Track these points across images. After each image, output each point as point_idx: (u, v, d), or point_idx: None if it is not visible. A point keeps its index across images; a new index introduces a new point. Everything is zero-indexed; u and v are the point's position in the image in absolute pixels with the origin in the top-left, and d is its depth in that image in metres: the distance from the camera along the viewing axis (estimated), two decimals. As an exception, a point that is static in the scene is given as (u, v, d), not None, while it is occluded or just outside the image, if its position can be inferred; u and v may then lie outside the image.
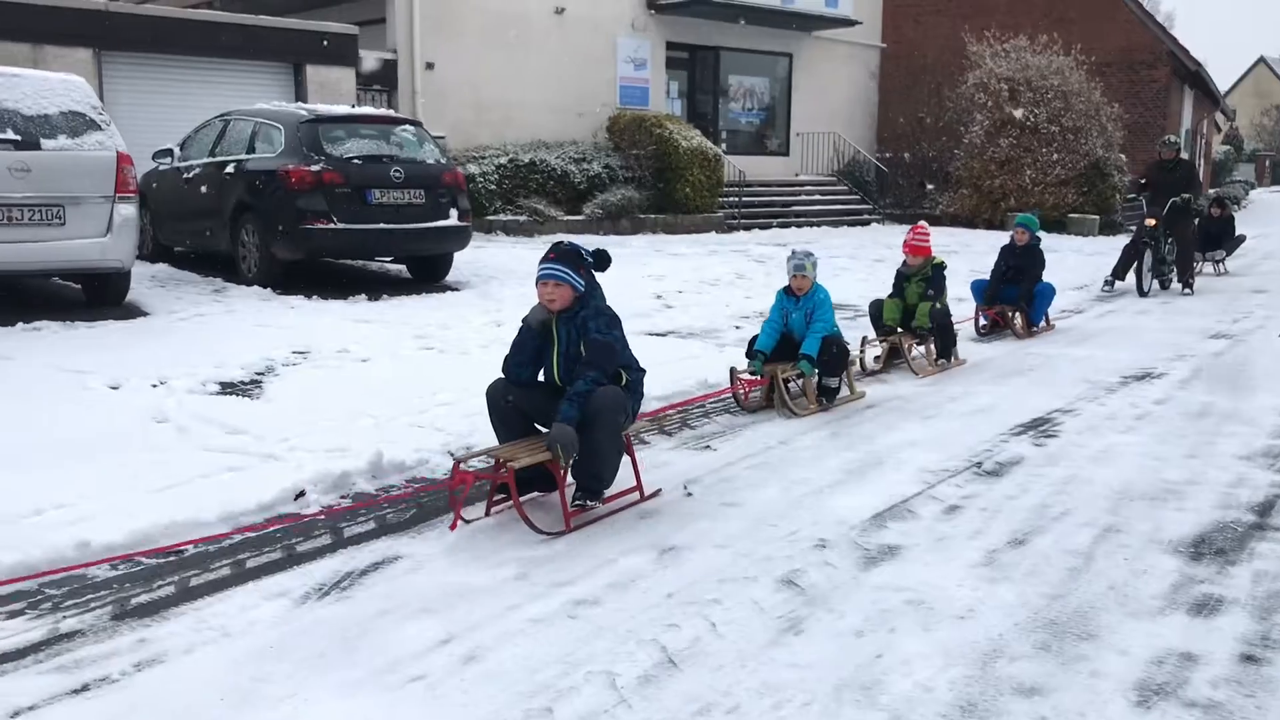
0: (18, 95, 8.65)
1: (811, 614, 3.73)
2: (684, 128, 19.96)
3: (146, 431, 5.82)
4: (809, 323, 6.96)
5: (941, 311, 8.26)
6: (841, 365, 7.03)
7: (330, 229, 10.35)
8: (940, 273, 8.38)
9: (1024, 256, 10.06)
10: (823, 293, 7.11)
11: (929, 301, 8.23)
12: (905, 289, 8.46)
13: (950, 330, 8.39)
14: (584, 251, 4.91)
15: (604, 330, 4.78)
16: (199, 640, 3.56)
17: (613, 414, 4.66)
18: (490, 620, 3.69)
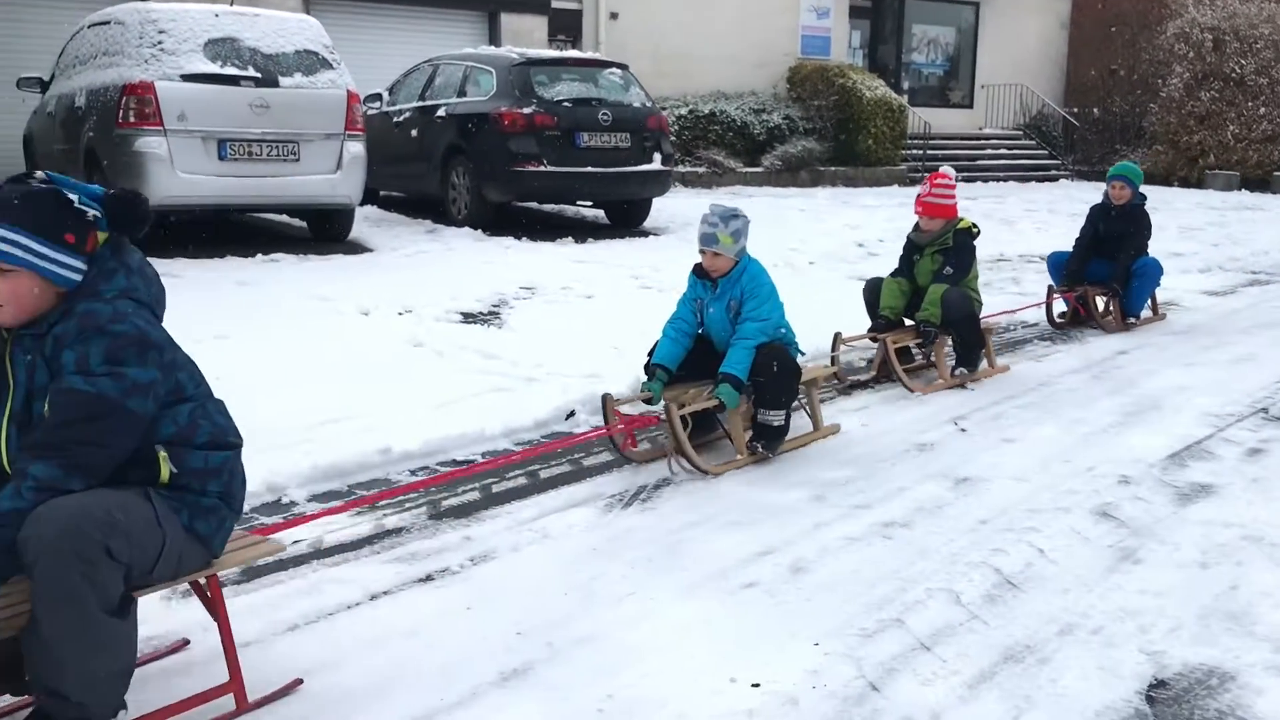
0: (258, 34, 8.95)
1: (1143, 545, 3.58)
2: (867, 77, 19.48)
3: (407, 354, 5.98)
4: (735, 322, 4.56)
5: (960, 298, 5.73)
6: (788, 390, 4.52)
7: (541, 171, 10.45)
8: (967, 241, 5.85)
9: (1122, 220, 7.37)
10: (755, 269, 4.56)
11: (944, 283, 5.76)
12: (916, 264, 6.04)
13: (975, 325, 5.87)
14: None
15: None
16: (522, 540, 3.62)
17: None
18: (803, 536, 3.66)
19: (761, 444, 4.47)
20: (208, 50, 8.67)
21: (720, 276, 4.54)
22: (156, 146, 8.33)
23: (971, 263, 5.90)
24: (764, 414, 4.47)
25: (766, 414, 4.47)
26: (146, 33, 8.59)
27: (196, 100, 8.45)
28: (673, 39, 18.71)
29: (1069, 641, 2.92)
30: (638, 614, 3.07)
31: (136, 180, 8.34)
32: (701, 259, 4.60)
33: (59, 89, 9.96)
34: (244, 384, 5.15)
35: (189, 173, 8.43)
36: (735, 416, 4.47)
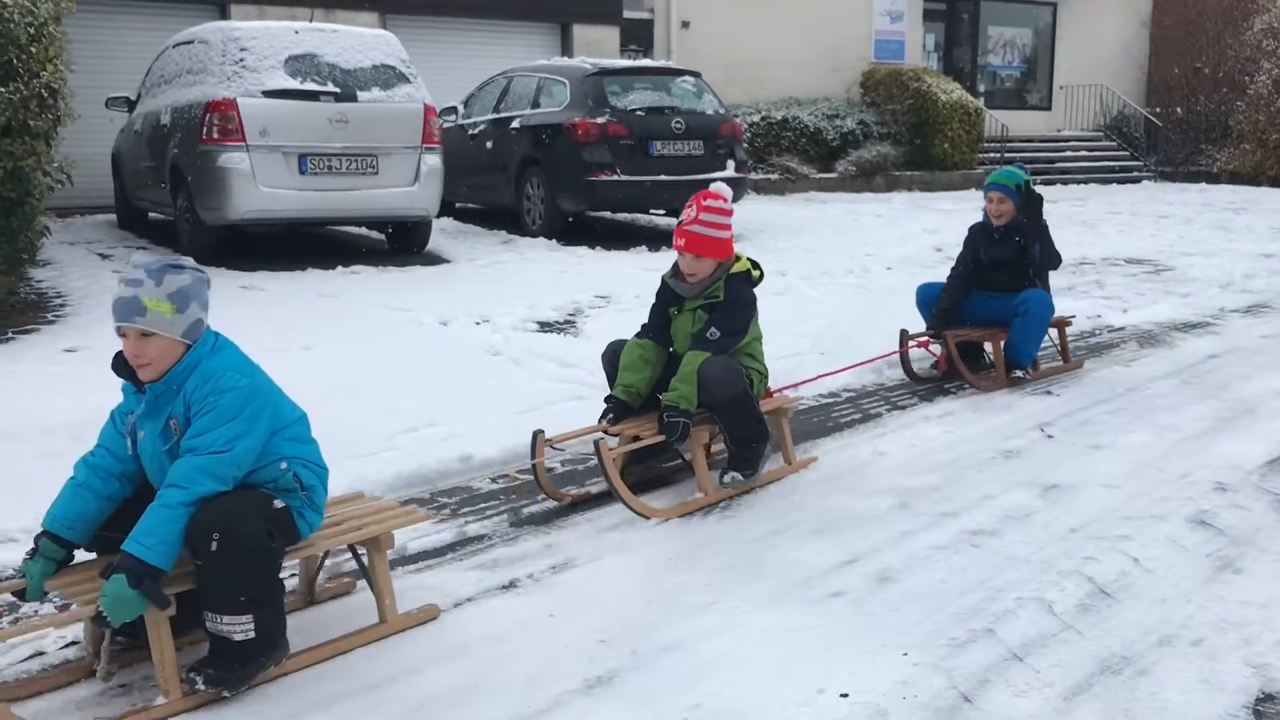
0: (337, 49, 9.11)
1: (1243, 554, 3.47)
2: (943, 81, 19.23)
3: (486, 363, 6.02)
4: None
5: (725, 372, 4.00)
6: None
7: (614, 180, 10.48)
8: (743, 292, 4.16)
9: (1007, 243, 5.84)
10: (218, 366, 2.83)
11: (705, 349, 4.04)
12: (673, 321, 4.27)
13: (747, 410, 4.10)
14: None
15: None
16: (603, 547, 3.62)
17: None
18: (888, 545, 3.60)
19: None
20: (288, 67, 8.84)
21: (152, 379, 2.80)
22: (239, 162, 8.51)
23: (749, 320, 4.19)
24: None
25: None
26: (229, 51, 8.78)
27: (277, 116, 8.62)
28: (744, 46, 18.67)
29: (1169, 653, 2.83)
30: (721, 623, 3.05)
31: (220, 195, 8.55)
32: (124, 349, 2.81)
33: (145, 107, 10.23)
34: (328, 393, 5.23)
35: (270, 187, 8.60)
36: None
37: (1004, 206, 5.86)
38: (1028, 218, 5.81)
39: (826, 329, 7.00)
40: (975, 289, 6.01)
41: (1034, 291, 5.84)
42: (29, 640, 2.98)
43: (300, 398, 4.98)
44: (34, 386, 5.37)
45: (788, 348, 6.44)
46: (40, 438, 4.57)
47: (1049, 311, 5.87)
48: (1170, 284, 9.16)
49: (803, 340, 6.64)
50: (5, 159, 6.42)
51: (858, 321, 7.24)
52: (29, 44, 6.61)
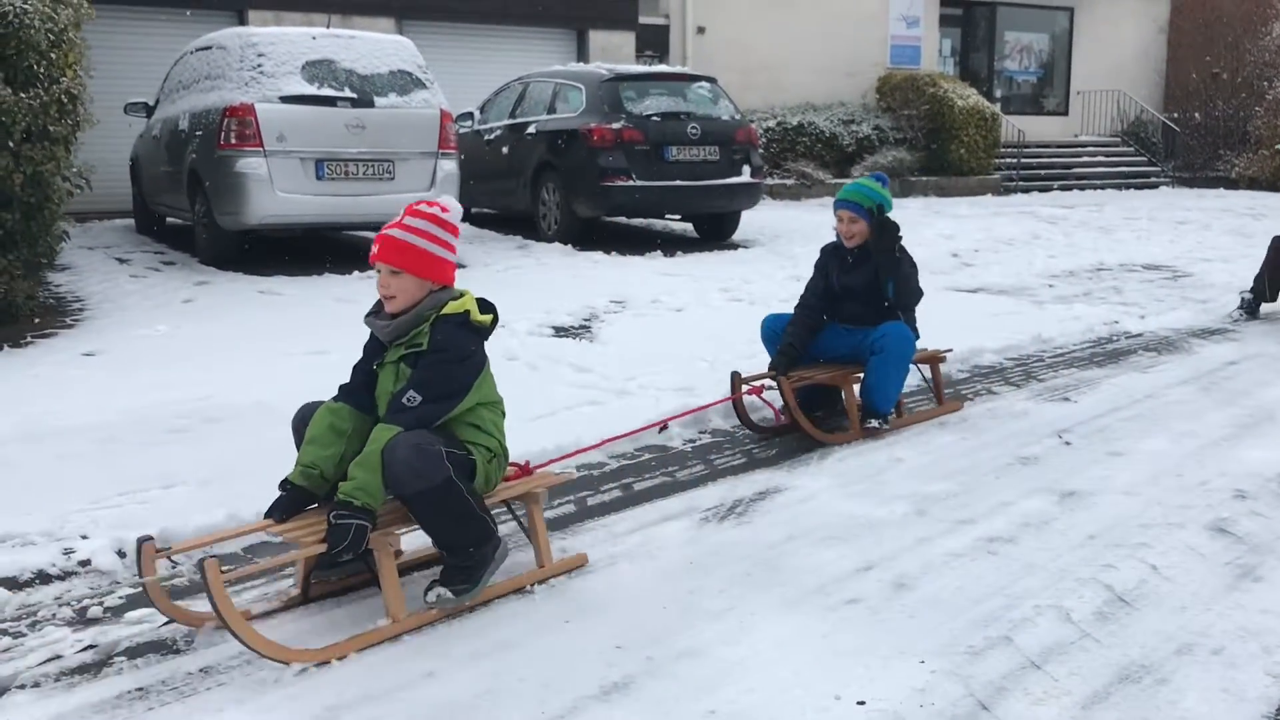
0: (354, 55, 9.15)
1: (1263, 562, 3.44)
2: (959, 86, 19.20)
3: (502, 367, 5.98)
4: None
5: (415, 456, 2.99)
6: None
7: (630, 186, 10.49)
8: (459, 341, 3.19)
9: (860, 269, 5.06)
10: None
11: (395, 422, 3.07)
12: (378, 374, 3.28)
13: (457, 513, 3.12)
14: None
15: None
16: (618, 553, 3.61)
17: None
18: (905, 551, 3.58)
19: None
20: (305, 72, 8.88)
21: None
22: (257, 167, 8.55)
23: (467, 378, 3.19)
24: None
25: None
26: (247, 56, 8.83)
27: (295, 121, 8.67)
28: (760, 51, 18.68)
29: (1188, 662, 2.81)
30: (738, 629, 3.04)
31: (237, 200, 8.59)
32: None
33: (163, 113, 10.29)
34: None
35: (287, 192, 8.64)
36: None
37: (855, 227, 5.04)
38: (877, 250, 4.98)
39: (842, 334, 6.98)
40: (830, 321, 5.19)
41: (893, 325, 4.94)
42: (47, 644, 3.00)
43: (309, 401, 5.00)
44: (53, 390, 5.40)
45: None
46: (59, 441, 4.60)
47: (910, 348, 5.00)
48: (1188, 290, 9.12)
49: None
50: (25, 164, 6.46)
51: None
52: (49, 50, 6.66)
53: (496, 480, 3.36)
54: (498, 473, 3.36)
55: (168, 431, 4.78)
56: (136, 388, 5.46)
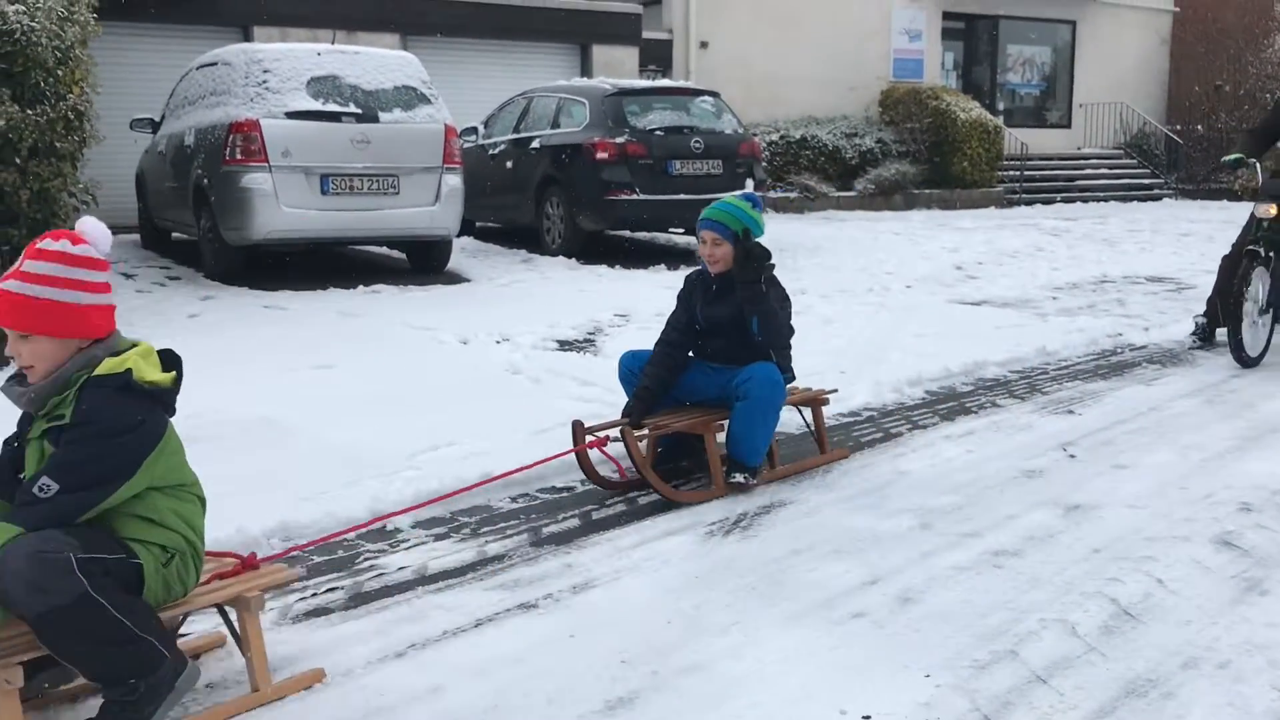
0: (358, 71, 9.19)
1: (1269, 575, 3.44)
2: (962, 99, 19.23)
3: (506, 381, 6.04)
4: None
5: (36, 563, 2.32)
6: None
7: (633, 200, 10.52)
8: (103, 412, 2.49)
9: (726, 300, 4.45)
10: None
11: (17, 519, 2.42)
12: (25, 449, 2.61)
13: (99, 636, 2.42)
14: None
15: None
16: (623, 567, 3.61)
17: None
18: (911, 565, 3.58)
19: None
20: (310, 88, 8.92)
21: None
22: (262, 182, 8.58)
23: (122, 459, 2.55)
24: None
25: None
26: (252, 73, 8.87)
27: (300, 137, 8.70)
28: (762, 65, 18.72)
29: (1194, 676, 2.81)
30: (743, 643, 3.04)
31: (243, 215, 8.62)
32: None
33: (169, 129, 10.34)
34: (349, 411, 5.28)
35: (293, 207, 8.67)
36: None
37: (719, 250, 4.37)
38: (740, 279, 4.33)
39: (847, 347, 6.99)
40: (696, 358, 4.62)
41: (759, 368, 4.30)
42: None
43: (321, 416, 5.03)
44: (59, 405, 5.40)
45: (809, 366, 6.41)
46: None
47: (778, 393, 4.34)
48: (1193, 303, 9.08)
49: (823, 359, 6.62)
50: (32, 180, 6.50)
51: (878, 340, 7.24)
52: (56, 67, 6.70)
53: (191, 583, 2.71)
54: (189, 575, 2.70)
55: (173, 446, 4.78)
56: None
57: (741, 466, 4.34)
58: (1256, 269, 6.61)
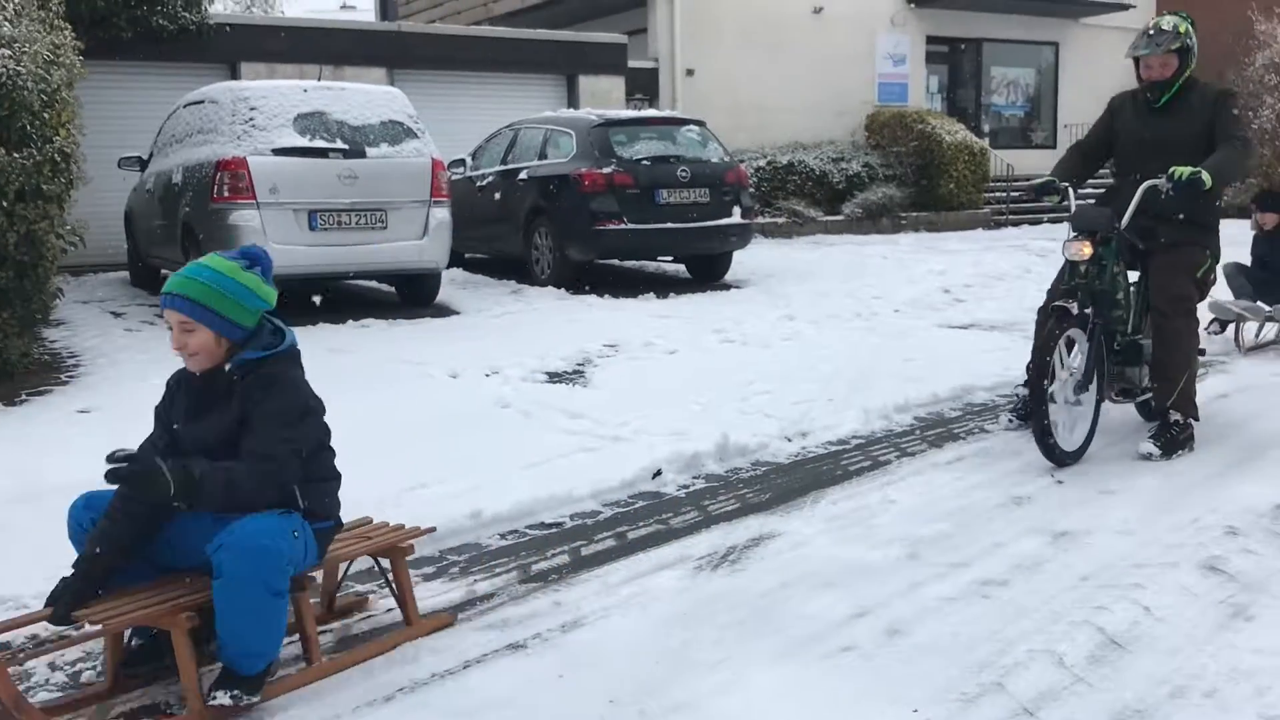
0: (345, 107, 9.24)
1: (1255, 600, 3.45)
2: (947, 122, 19.37)
3: (495, 416, 6.04)
4: None
5: None
6: None
7: (621, 229, 10.57)
8: None
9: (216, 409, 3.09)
10: None
11: None
12: None
13: None
14: None
15: None
16: (612, 605, 3.61)
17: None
18: (899, 597, 3.59)
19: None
20: (297, 125, 8.96)
21: None
22: (250, 219, 8.61)
23: None
24: None
25: None
26: (239, 110, 8.91)
27: (287, 173, 8.74)
28: (748, 92, 18.84)
29: (1181, 705, 2.82)
30: (732, 680, 3.04)
31: (232, 252, 8.62)
32: None
33: (157, 166, 10.37)
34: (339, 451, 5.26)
35: (281, 243, 8.67)
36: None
37: (195, 339, 3.02)
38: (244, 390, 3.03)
39: (835, 375, 7.01)
40: None
41: (245, 524, 2.86)
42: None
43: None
44: (49, 448, 5.40)
45: (797, 394, 6.47)
46: (57, 499, 4.59)
47: (266, 564, 2.83)
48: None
49: (811, 386, 6.66)
50: (19, 223, 6.51)
51: (866, 367, 7.25)
52: (42, 110, 6.73)
53: None
54: None
55: (162, 489, 4.77)
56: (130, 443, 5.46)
57: (231, 678, 2.87)
58: (1068, 331, 4.99)
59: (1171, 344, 5.23)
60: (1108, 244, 5.07)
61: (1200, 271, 5.31)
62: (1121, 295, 5.23)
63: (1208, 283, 5.44)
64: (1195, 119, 5.19)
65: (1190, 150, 5.06)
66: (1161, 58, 5.16)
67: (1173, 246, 5.26)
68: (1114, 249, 5.10)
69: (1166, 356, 5.24)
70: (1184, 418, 5.22)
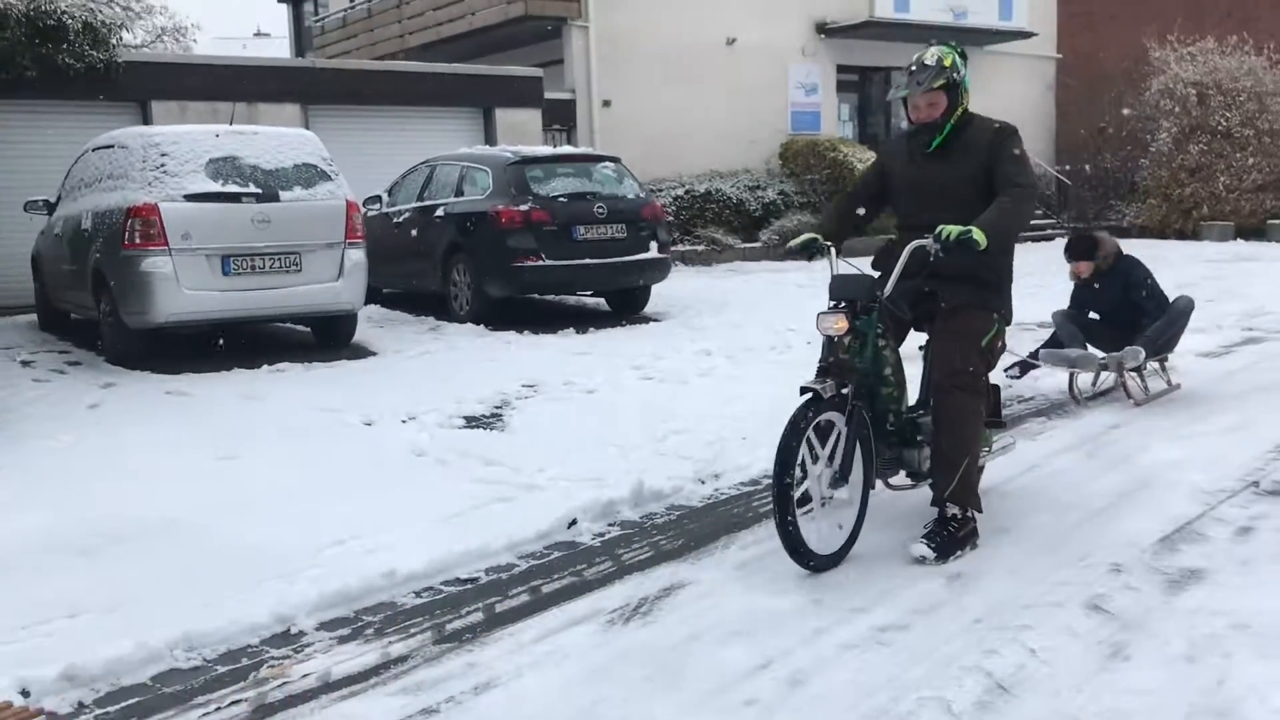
0: (257, 151, 9.23)
1: (1132, 639, 3.64)
2: (858, 150, 19.84)
3: (411, 465, 6.09)
4: None
5: None
6: None
7: (539, 265, 10.68)
8: None
9: None
10: None
11: None
12: None
13: None
14: None
15: None
16: (525, 663, 3.69)
17: None
18: (802, 645, 3.72)
19: None
20: (209, 169, 8.94)
21: None
22: (162, 266, 8.56)
23: None
24: None
25: None
26: (150, 156, 8.86)
27: (200, 219, 8.71)
28: (665, 122, 19.11)
29: (1060, 748, 2.98)
30: (638, 738, 3.14)
31: (143, 299, 8.57)
32: None
33: (65, 211, 10.24)
34: (252, 507, 5.28)
35: (194, 289, 8.66)
36: None
37: None
38: None
39: (749, 412, 7.15)
40: None
41: None
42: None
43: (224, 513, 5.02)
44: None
45: (712, 433, 6.60)
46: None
47: None
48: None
49: (725, 425, 6.79)
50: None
51: (780, 402, 7.33)
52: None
53: None
54: None
55: (73, 554, 4.74)
56: (39, 505, 5.41)
57: None
58: (822, 417, 4.37)
59: (950, 424, 4.53)
60: (870, 314, 4.48)
61: (986, 339, 4.63)
62: (890, 370, 4.56)
63: (995, 351, 4.77)
64: (973, 161, 4.57)
65: (969, 198, 4.50)
66: (927, 96, 4.55)
67: (954, 311, 4.62)
68: (875, 320, 4.48)
69: (945, 439, 4.53)
70: (963, 511, 4.55)
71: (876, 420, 4.56)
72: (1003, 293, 4.76)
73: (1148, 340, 7.29)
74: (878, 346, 4.52)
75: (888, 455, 4.69)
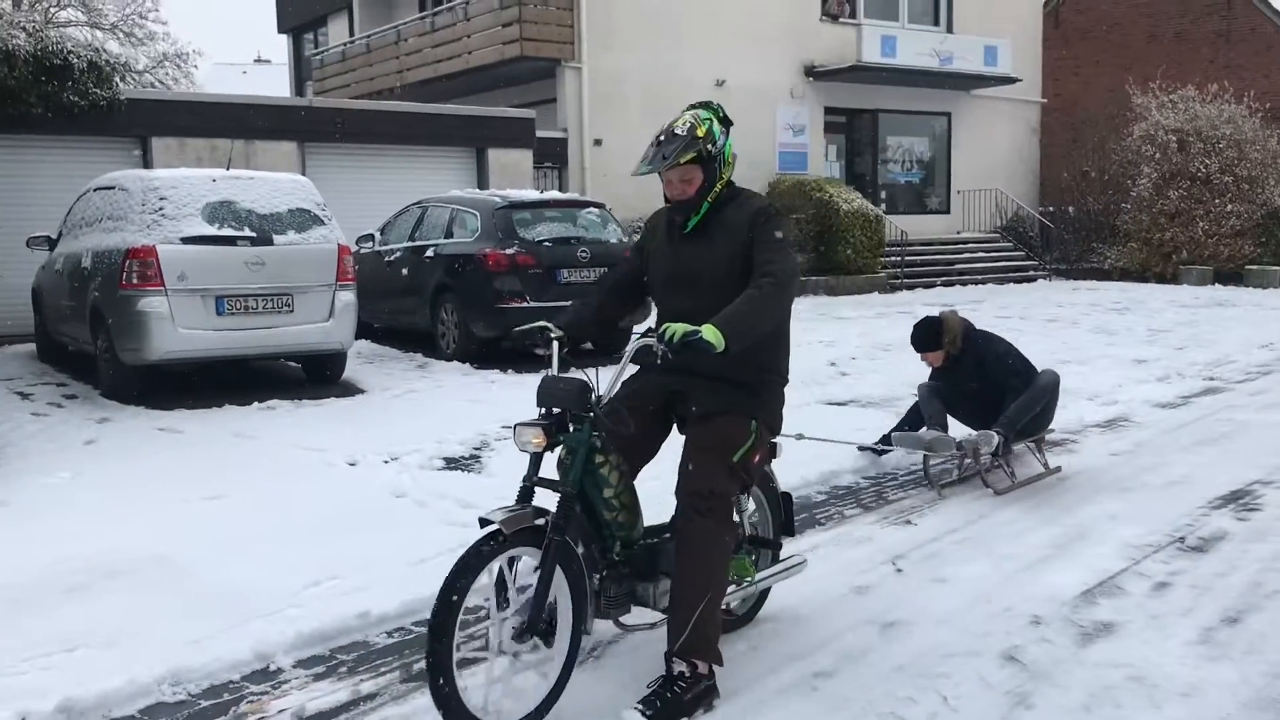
0: (254, 195, 9.60)
1: (1037, 689, 3.97)
2: (844, 190, 20.27)
3: (390, 507, 6.42)
4: None
5: None
6: None
7: (524, 307, 11.02)
8: None
9: None
10: None
11: None
12: None
13: None
14: None
15: None
16: (483, 704, 4.00)
17: None
18: (734, 693, 4.01)
19: None
20: (206, 213, 9.30)
21: None
22: (158, 306, 8.91)
23: None
24: None
25: None
26: (149, 200, 9.23)
27: (196, 261, 9.06)
28: (655, 160, 19.46)
29: (957, 790, 3.30)
30: (579, 775, 3.46)
31: (139, 337, 8.91)
32: None
33: (66, 248, 10.60)
34: (235, 547, 5.59)
35: (189, 328, 9.00)
36: None
37: None
38: None
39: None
40: None
41: None
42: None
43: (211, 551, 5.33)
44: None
45: (677, 480, 6.90)
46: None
47: None
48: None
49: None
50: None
51: (745, 450, 7.74)
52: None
53: None
54: None
55: (69, 590, 5.05)
56: (39, 541, 5.73)
57: None
58: (506, 554, 3.73)
59: (688, 556, 3.80)
60: (581, 424, 3.81)
61: (739, 453, 3.88)
62: (611, 492, 3.87)
63: (751, 466, 3.98)
64: (731, 241, 3.92)
65: (726, 283, 3.83)
66: (678, 171, 3.90)
67: (704, 419, 3.91)
68: (588, 432, 3.81)
69: (680, 574, 3.81)
70: (691, 669, 3.80)
71: (603, 551, 3.88)
72: (762, 395, 3.99)
73: (1006, 422, 6.71)
74: (594, 464, 3.83)
75: (615, 591, 3.90)
